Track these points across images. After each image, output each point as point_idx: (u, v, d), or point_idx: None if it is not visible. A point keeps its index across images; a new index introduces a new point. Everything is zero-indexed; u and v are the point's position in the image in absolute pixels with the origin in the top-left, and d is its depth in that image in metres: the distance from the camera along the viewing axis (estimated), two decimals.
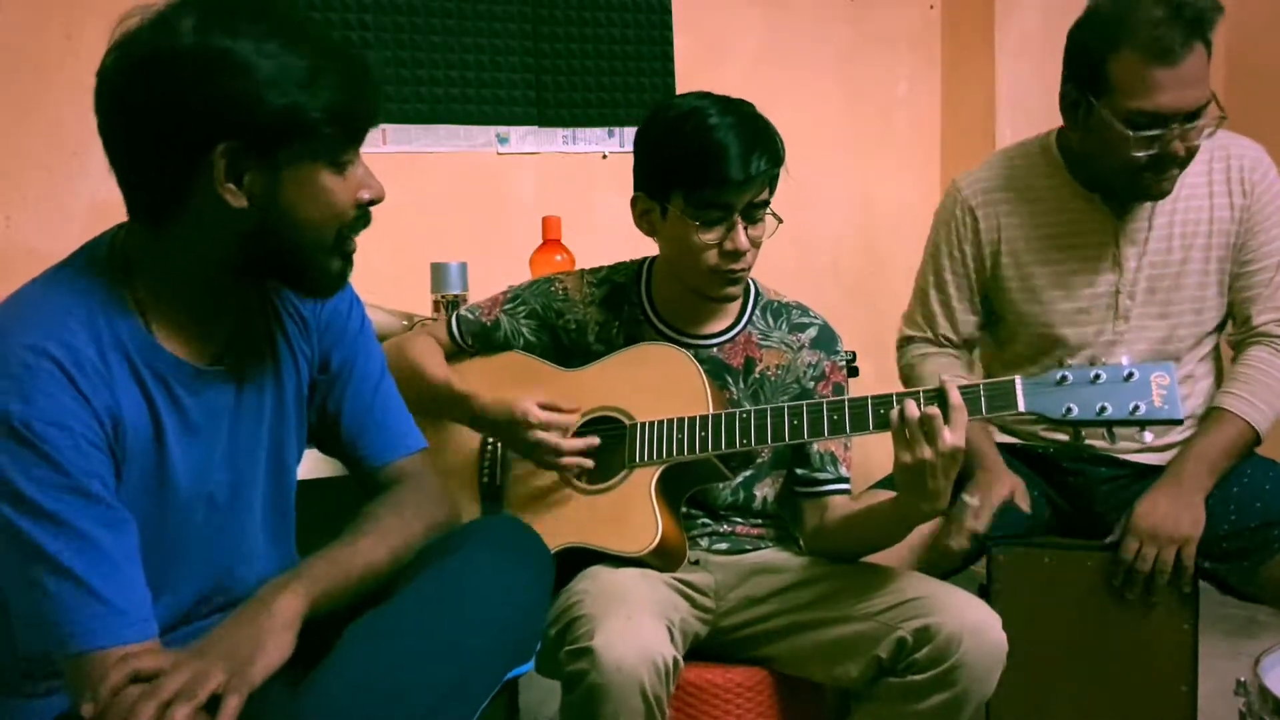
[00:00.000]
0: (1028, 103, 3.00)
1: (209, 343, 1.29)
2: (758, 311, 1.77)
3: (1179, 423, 1.44)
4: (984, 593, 1.93)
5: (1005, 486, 1.84)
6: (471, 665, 1.26)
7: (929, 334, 2.07)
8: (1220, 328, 2.00)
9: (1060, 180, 1.95)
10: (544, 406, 1.64)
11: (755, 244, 1.65)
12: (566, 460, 1.63)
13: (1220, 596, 1.95)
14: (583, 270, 1.84)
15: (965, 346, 2.08)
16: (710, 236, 1.62)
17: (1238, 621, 2.59)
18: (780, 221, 1.68)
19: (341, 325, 1.43)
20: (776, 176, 1.65)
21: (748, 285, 1.78)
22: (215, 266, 1.24)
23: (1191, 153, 1.80)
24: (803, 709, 1.67)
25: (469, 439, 1.78)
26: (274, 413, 1.37)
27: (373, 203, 1.27)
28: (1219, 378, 2.01)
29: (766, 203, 1.65)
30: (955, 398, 1.44)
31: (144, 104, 1.16)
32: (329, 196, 1.22)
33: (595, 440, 1.65)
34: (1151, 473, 1.91)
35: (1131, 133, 1.76)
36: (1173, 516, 1.82)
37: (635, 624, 1.44)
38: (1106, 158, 1.84)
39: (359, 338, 1.46)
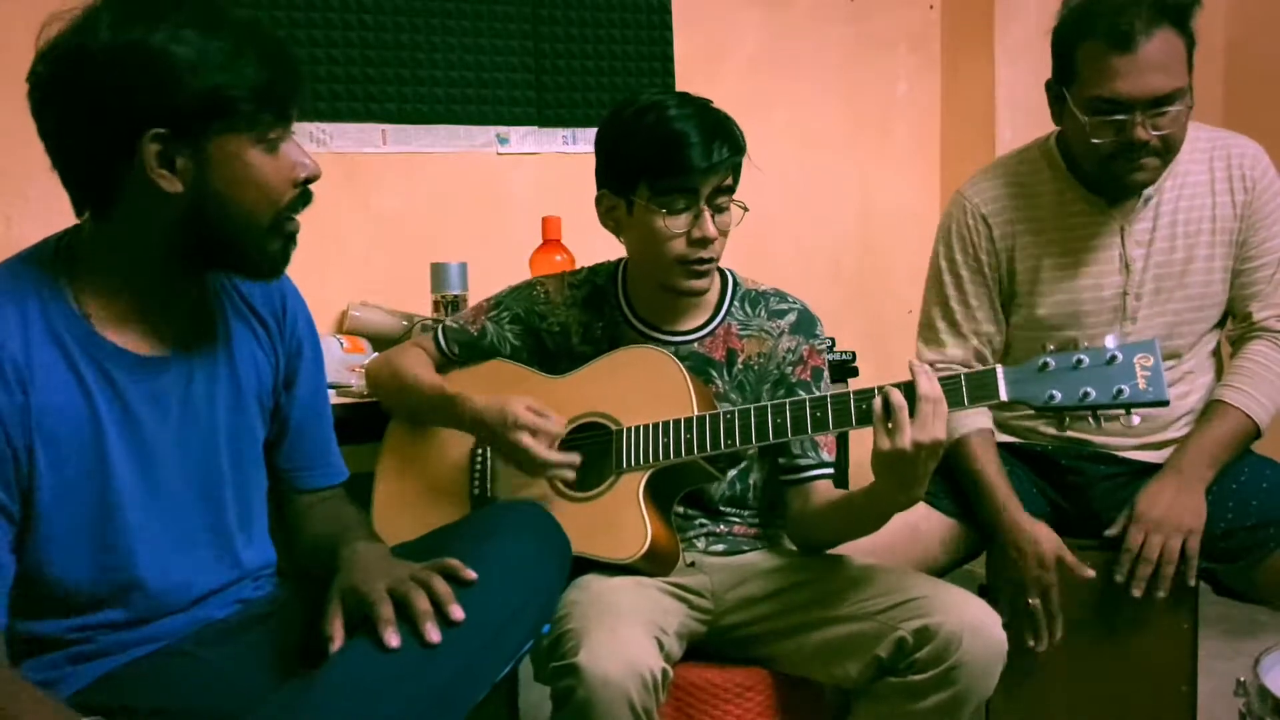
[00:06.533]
0: (1028, 103, 2.99)
1: (156, 334, 1.32)
2: (736, 302, 1.77)
3: (1165, 403, 1.42)
4: (984, 592, 1.93)
5: (1051, 568, 1.82)
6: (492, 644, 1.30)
7: (951, 354, 1.99)
8: (1220, 324, 2.00)
9: (1064, 184, 1.95)
10: (532, 411, 1.63)
11: (723, 232, 1.66)
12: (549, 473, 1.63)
13: (1219, 596, 1.95)
14: (564, 273, 1.84)
15: (983, 360, 2.00)
16: (677, 224, 1.63)
17: (1238, 621, 2.59)
18: (745, 210, 1.68)
19: (302, 344, 1.49)
20: (739, 165, 1.66)
21: (725, 277, 1.78)
22: (158, 256, 1.28)
23: (1168, 142, 1.79)
24: (803, 709, 1.67)
25: (459, 452, 1.78)
26: (231, 407, 1.39)
27: (309, 180, 1.30)
28: (1219, 374, 2.00)
29: (731, 190, 1.66)
30: (936, 389, 1.43)
31: (70, 103, 1.21)
32: (260, 175, 1.25)
33: (576, 458, 1.63)
34: (1151, 471, 1.91)
35: (1087, 118, 1.77)
36: (1177, 507, 1.82)
37: (621, 637, 1.43)
38: (1077, 147, 1.86)
39: (316, 360, 1.52)
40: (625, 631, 1.45)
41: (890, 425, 1.43)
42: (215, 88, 1.20)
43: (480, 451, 1.77)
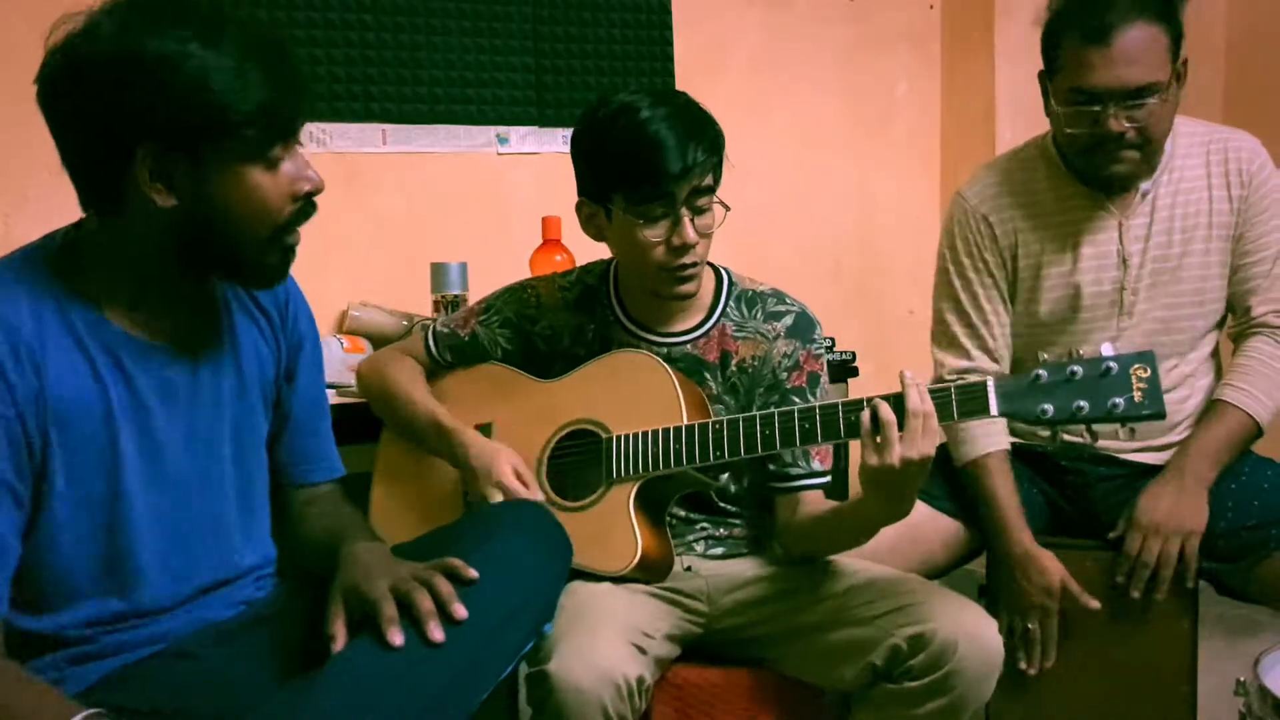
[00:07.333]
0: (1028, 103, 2.97)
1: (162, 325, 1.31)
2: (731, 302, 1.72)
3: (1161, 417, 1.39)
4: (984, 593, 1.93)
5: (1055, 598, 1.84)
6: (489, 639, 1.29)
7: (973, 360, 1.97)
8: (1220, 324, 1.99)
9: (1061, 180, 1.95)
10: (517, 476, 1.61)
11: (704, 235, 1.61)
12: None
13: (1220, 596, 1.95)
14: (555, 275, 1.81)
15: (1000, 360, 1.99)
16: (655, 233, 1.58)
17: (1238, 621, 2.58)
18: (728, 209, 1.63)
19: (303, 338, 1.49)
20: (719, 164, 1.61)
21: (720, 276, 1.74)
22: (157, 259, 1.27)
23: (1145, 135, 1.79)
24: (803, 709, 1.67)
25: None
26: (235, 399, 1.40)
27: (311, 194, 1.28)
28: (1218, 376, 1.99)
29: (712, 190, 1.60)
30: (926, 404, 1.40)
31: (71, 108, 1.20)
32: (260, 194, 1.24)
33: None
34: (1152, 472, 1.91)
35: (1062, 109, 1.79)
36: (1177, 510, 1.82)
37: (595, 644, 1.42)
38: (1059, 138, 1.87)
39: (316, 356, 1.52)
40: (599, 639, 1.44)
41: (879, 440, 1.40)
42: (216, 108, 1.18)
43: None
